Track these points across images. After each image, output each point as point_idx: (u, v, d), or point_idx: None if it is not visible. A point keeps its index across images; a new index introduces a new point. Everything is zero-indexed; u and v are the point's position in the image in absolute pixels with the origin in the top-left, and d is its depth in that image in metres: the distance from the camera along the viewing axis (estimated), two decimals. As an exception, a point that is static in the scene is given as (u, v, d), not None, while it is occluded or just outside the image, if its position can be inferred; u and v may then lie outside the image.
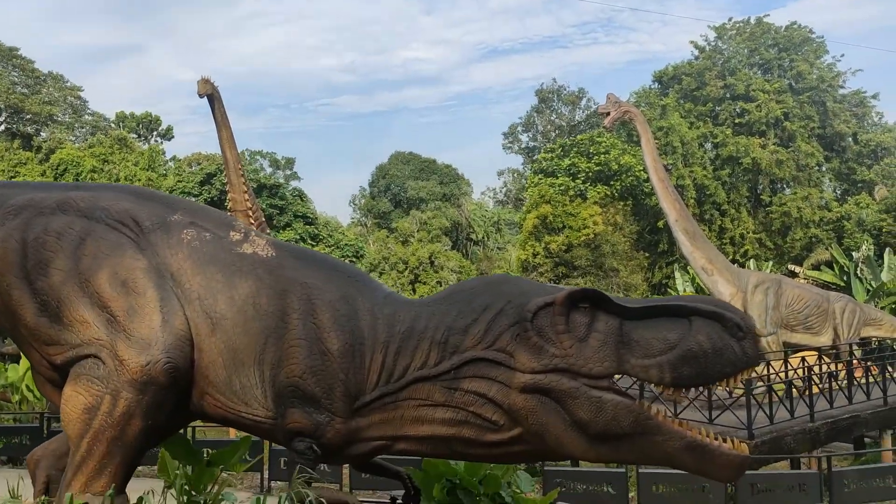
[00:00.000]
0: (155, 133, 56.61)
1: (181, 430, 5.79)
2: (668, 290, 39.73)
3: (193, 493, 5.22)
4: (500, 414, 4.24)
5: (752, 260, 39.66)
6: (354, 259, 46.18)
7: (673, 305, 4.17)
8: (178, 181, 43.58)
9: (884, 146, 47.69)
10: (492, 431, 4.29)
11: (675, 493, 11.08)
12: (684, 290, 34.16)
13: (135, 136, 54.37)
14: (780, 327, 21.30)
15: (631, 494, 11.84)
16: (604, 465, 13.34)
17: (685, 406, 12.97)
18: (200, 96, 21.80)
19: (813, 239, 42.63)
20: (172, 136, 57.55)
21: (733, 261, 37.10)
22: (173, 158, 52.84)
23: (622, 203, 41.79)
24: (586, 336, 4.12)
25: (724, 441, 4.09)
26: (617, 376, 4.20)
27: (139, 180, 42.56)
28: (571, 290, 4.25)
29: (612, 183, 41.50)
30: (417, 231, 55.68)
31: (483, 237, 60.78)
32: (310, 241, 43.45)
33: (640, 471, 11.41)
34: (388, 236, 54.61)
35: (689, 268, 27.30)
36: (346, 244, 46.46)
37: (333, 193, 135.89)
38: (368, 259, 47.19)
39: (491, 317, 4.33)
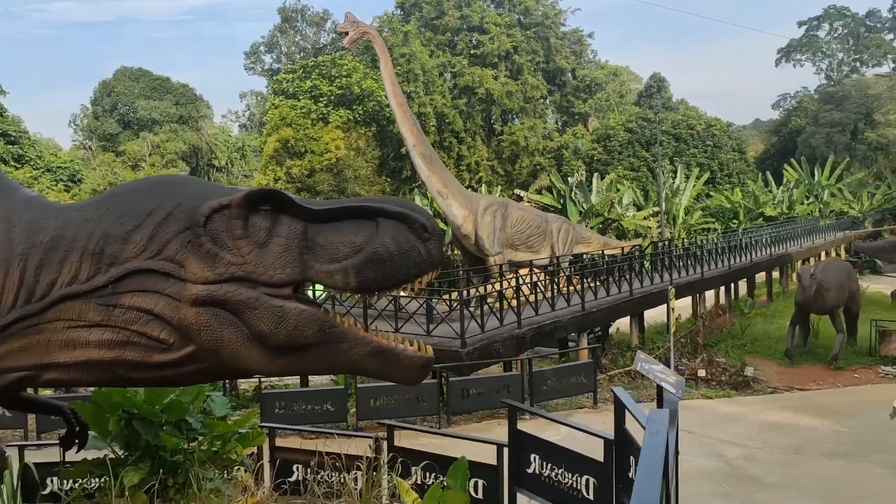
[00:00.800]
0: None
1: None
2: (409, 214, 40.75)
3: None
4: (168, 331, 3.78)
5: (484, 185, 42.23)
6: (71, 184, 41.27)
7: (360, 207, 3.96)
8: None
9: (597, 82, 52.94)
10: (160, 351, 3.82)
11: (392, 403, 11.46)
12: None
13: None
14: (506, 247, 22.94)
15: (352, 410, 12.06)
16: (330, 383, 13.43)
17: (406, 320, 13.42)
18: None
19: (537, 166, 46.41)
20: None
21: (469, 186, 39.22)
22: None
23: (365, 128, 41.76)
24: (267, 241, 3.79)
25: (411, 344, 4.04)
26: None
27: None
28: (249, 191, 3.87)
29: (354, 107, 41.18)
30: (150, 155, 51.56)
31: (226, 163, 57.84)
32: (13, 164, 37.82)
33: (359, 386, 11.61)
34: (115, 160, 49.77)
35: (427, 192, 28.13)
36: (58, 167, 41.13)
37: (52, 112, 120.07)
38: (91, 185, 42.44)
39: (157, 221, 3.81)
